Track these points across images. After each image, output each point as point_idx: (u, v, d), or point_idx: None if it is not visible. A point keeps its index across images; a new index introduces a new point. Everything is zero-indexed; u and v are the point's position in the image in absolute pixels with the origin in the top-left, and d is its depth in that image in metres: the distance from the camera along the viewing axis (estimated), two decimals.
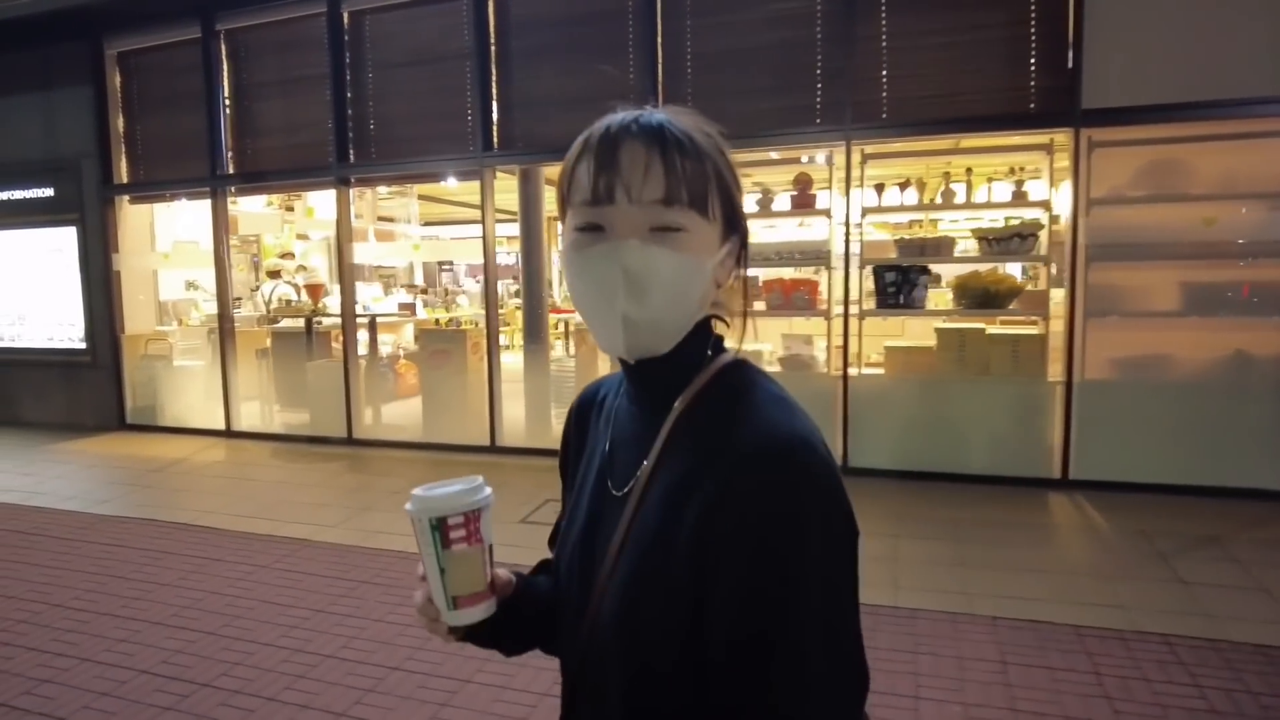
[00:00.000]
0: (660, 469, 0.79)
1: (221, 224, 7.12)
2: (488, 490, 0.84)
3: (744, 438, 0.74)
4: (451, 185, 7.39)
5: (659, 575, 0.75)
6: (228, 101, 7.09)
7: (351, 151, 6.67)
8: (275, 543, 4.50)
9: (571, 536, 0.89)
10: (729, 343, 0.86)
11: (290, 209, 9.06)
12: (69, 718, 2.80)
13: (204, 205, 9.14)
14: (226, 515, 5.01)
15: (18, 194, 7.86)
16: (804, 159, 6.04)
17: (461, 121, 6.33)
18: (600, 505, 0.86)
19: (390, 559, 4.24)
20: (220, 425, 7.21)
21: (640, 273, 0.75)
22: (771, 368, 5.94)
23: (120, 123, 7.51)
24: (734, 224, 0.82)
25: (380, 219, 10.23)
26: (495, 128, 6.25)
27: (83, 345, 7.74)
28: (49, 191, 7.75)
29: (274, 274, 9.15)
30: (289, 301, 7.58)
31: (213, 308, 9.32)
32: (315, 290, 7.28)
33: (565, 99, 6.04)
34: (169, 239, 8.23)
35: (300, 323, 7.64)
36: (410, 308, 9.02)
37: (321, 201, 9.00)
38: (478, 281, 12.51)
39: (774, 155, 6.04)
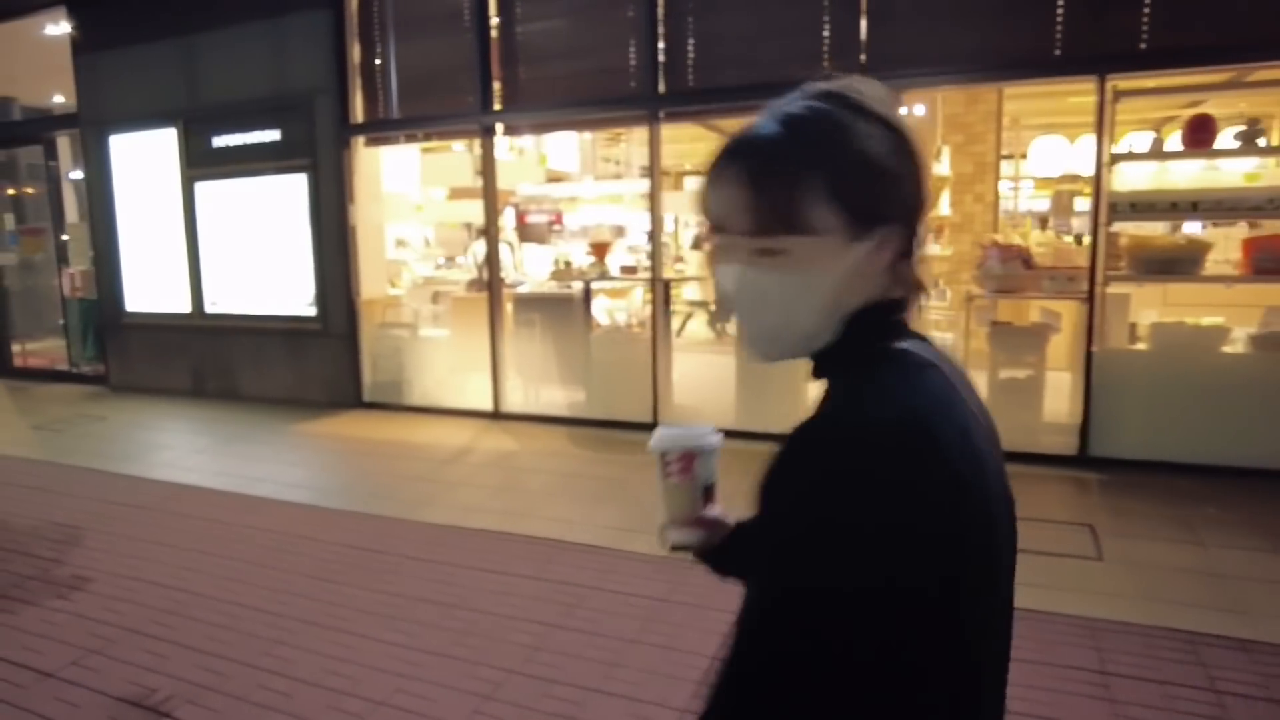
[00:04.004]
0: None
1: (490, 169, 6.04)
2: (713, 439, 0.98)
3: (822, 420, 0.73)
4: None
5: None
6: (495, 23, 5.97)
7: (663, 81, 5.48)
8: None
9: None
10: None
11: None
12: None
13: (410, 150, 8.20)
14: (605, 528, 3.94)
15: (238, 139, 6.92)
16: None
17: (816, 36, 5.08)
18: None
19: None
20: (485, 405, 6.19)
21: (744, 298, 0.77)
22: (1233, 349, 4.62)
23: (357, 53, 6.47)
24: (877, 216, 0.75)
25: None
26: (864, 41, 4.97)
27: (312, 311, 6.80)
28: (275, 134, 6.77)
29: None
30: (568, 263, 6.48)
31: (424, 269, 8.40)
32: (601, 249, 6.16)
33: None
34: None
35: (551, 285, 6.58)
36: (631, 270, 7.91)
37: (556, 148, 7.90)
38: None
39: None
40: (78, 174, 9.29)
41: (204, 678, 2.75)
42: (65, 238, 8.38)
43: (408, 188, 8.29)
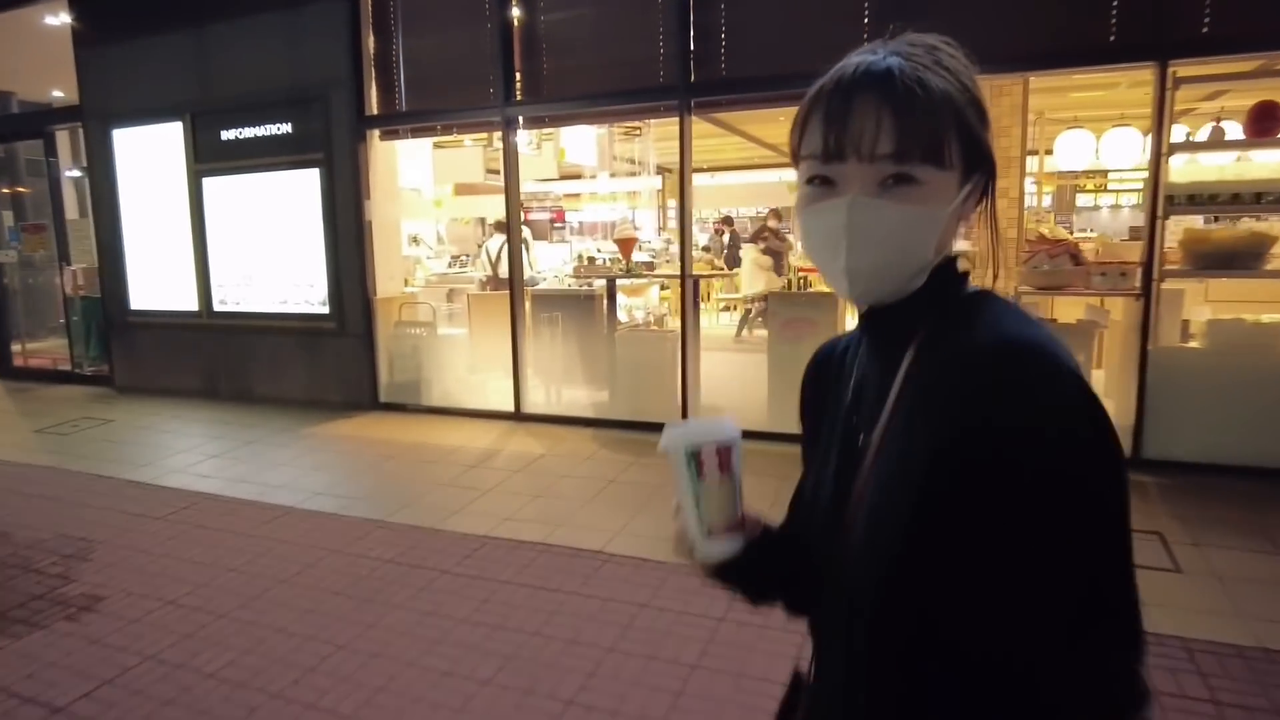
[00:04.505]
0: (901, 402, 0.76)
1: (512, 163, 5.82)
2: (738, 430, 0.84)
3: (977, 342, 0.72)
4: None
5: (901, 491, 0.72)
6: (516, 12, 5.74)
7: (694, 70, 5.26)
8: None
9: (824, 489, 0.86)
10: (978, 280, 0.81)
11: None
12: None
13: (423, 145, 8.00)
14: (649, 539, 3.72)
15: (249, 133, 6.68)
16: None
17: (856, 24, 4.86)
18: (849, 452, 0.83)
19: None
20: (506, 406, 5.98)
21: (865, 229, 0.74)
22: None
23: (372, 44, 6.24)
24: (976, 163, 0.77)
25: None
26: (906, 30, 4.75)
27: (326, 310, 6.58)
28: (286, 128, 6.55)
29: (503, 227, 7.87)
30: (591, 259, 6.27)
31: (438, 266, 8.19)
32: (627, 245, 5.94)
33: None
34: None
35: (570, 282, 6.38)
36: (648, 266, 7.72)
37: (574, 141, 7.68)
38: (721, 235, 11.18)
39: None
40: (74, 172, 9.06)
41: (232, 712, 2.54)
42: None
43: (420, 183, 8.08)
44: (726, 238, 11.95)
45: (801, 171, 0.78)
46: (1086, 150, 7.97)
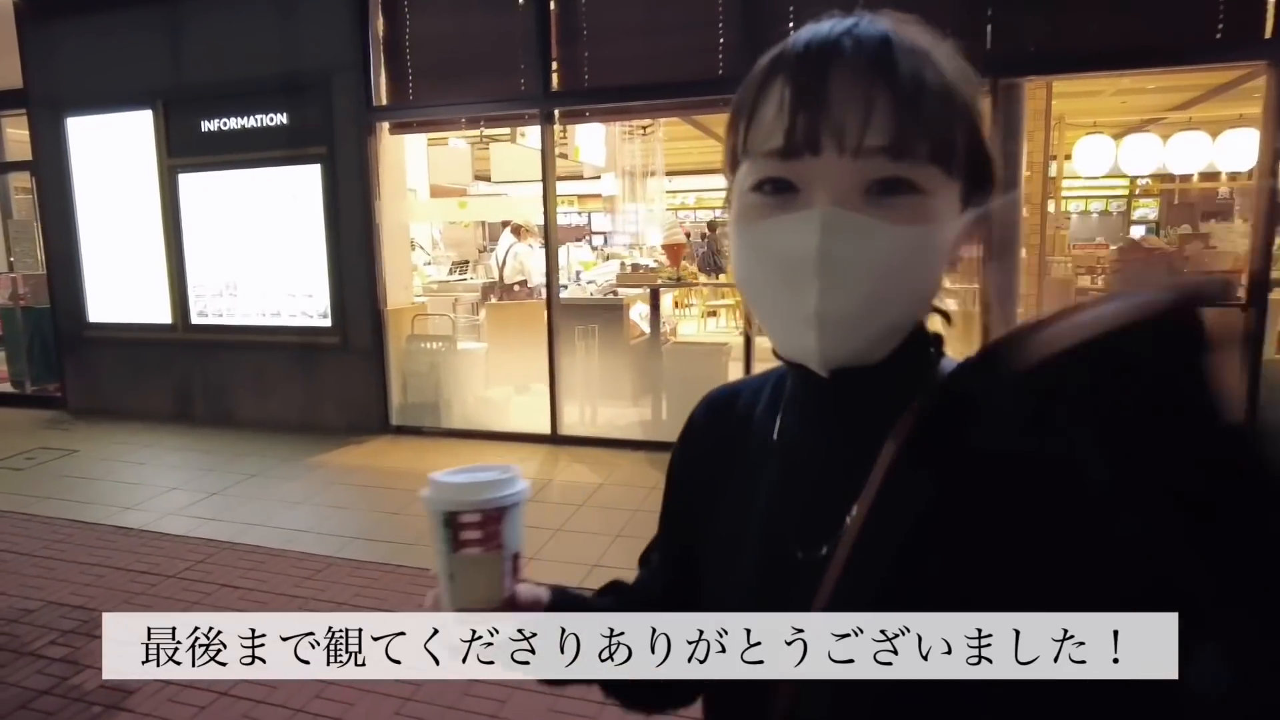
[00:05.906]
0: (879, 513, 0.56)
1: (550, 161, 5.26)
2: (521, 485, 0.64)
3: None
4: None
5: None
6: None
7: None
8: None
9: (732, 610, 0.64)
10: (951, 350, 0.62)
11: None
12: None
13: (419, 141, 7.39)
14: None
15: (234, 123, 5.93)
16: None
17: (938, 15, 4.50)
18: (777, 570, 0.62)
19: None
20: (540, 428, 5.40)
21: (849, 254, 0.52)
22: None
23: (380, 23, 5.60)
24: (980, 182, 0.57)
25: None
26: (989, 29, 4.43)
27: (326, 322, 5.88)
28: (279, 118, 5.83)
29: (513, 230, 7.29)
30: (634, 266, 5.75)
31: (436, 273, 7.57)
32: (675, 251, 5.44)
33: None
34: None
35: (589, 291, 5.86)
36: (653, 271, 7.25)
37: (588, 139, 7.14)
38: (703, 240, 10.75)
39: None
40: None
41: None
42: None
43: (416, 183, 7.43)
44: (699, 242, 11.58)
45: (744, 175, 0.57)
46: (1107, 155, 7.86)
